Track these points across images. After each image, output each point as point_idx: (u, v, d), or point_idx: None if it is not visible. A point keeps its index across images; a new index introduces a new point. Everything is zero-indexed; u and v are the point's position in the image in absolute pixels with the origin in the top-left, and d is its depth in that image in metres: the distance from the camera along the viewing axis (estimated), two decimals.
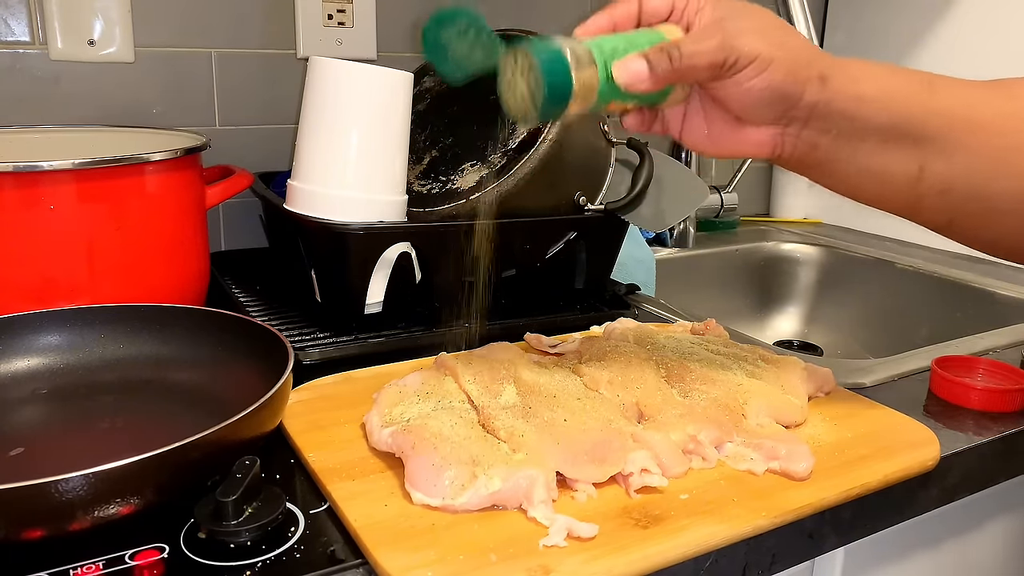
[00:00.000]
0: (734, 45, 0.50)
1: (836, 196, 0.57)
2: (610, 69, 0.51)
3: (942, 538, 0.73)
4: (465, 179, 0.79)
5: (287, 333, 0.75)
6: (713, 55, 0.50)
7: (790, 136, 0.53)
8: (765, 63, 0.50)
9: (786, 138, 0.53)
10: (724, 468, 0.56)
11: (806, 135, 0.53)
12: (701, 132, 0.56)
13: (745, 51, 0.50)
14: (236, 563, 0.45)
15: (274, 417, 0.54)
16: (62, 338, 0.64)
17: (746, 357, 0.70)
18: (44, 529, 0.44)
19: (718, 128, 0.55)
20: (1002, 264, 1.18)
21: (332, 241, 0.74)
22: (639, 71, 0.51)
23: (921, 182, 0.53)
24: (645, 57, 0.51)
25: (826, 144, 0.53)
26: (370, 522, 0.48)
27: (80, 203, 0.66)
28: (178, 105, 0.98)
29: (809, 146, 0.53)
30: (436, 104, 0.88)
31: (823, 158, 0.54)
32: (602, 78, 0.51)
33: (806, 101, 0.51)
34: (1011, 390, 0.69)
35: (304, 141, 0.75)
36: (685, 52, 0.50)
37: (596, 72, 0.51)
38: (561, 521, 0.48)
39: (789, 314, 1.32)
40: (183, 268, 0.76)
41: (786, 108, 0.52)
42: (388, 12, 1.07)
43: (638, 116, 0.58)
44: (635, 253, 1.04)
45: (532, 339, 0.76)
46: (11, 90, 0.89)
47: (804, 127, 0.52)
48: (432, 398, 0.59)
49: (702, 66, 0.50)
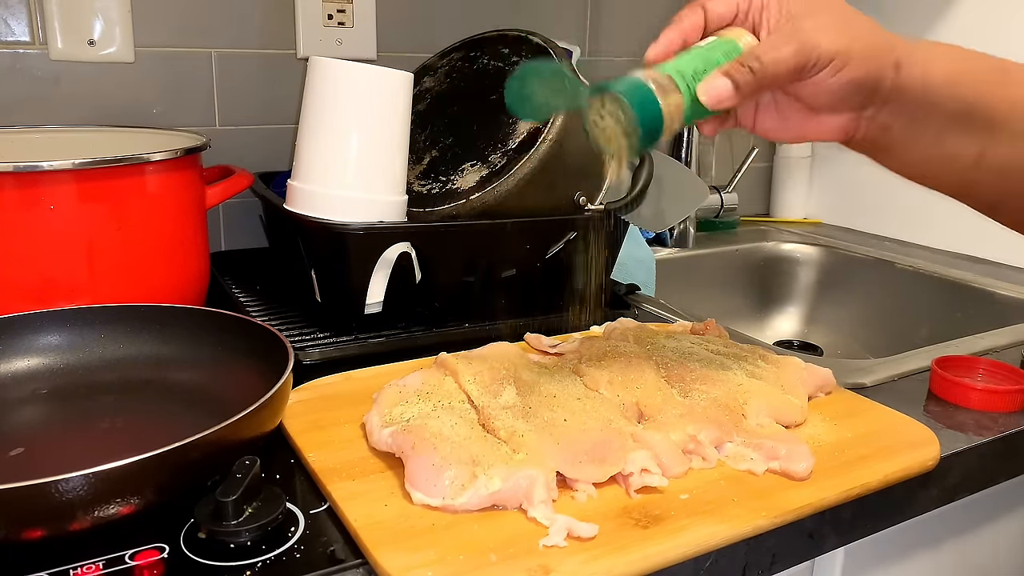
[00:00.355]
0: (813, 46, 0.50)
1: (836, 196, 0.57)
2: (694, 91, 0.51)
3: (942, 538, 0.73)
4: (465, 179, 0.79)
5: (287, 333, 0.75)
6: (795, 60, 0.50)
7: (865, 120, 0.54)
8: (845, 59, 0.50)
9: (861, 122, 0.54)
10: (724, 468, 0.56)
11: (880, 118, 0.53)
12: (774, 123, 0.57)
13: (824, 50, 0.50)
14: (236, 563, 0.45)
15: (274, 417, 0.54)
16: (62, 338, 0.64)
17: (746, 357, 0.70)
18: (44, 529, 0.44)
19: (793, 119, 0.56)
20: (1002, 264, 1.18)
21: (332, 241, 0.74)
22: (725, 89, 0.51)
23: (980, 165, 0.53)
24: (727, 75, 0.51)
25: (899, 127, 0.53)
26: (370, 522, 0.48)
27: (80, 203, 0.66)
28: (178, 105, 0.98)
29: (881, 129, 0.54)
30: (436, 104, 0.88)
31: (895, 140, 0.54)
32: (687, 101, 0.51)
33: (883, 88, 0.52)
34: (1011, 390, 0.69)
35: (304, 141, 0.75)
36: (767, 61, 0.50)
37: (681, 97, 0.51)
38: (561, 521, 0.48)
39: (789, 314, 1.32)
40: (183, 268, 0.76)
41: (864, 98, 0.52)
42: (388, 12, 1.07)
43: (715, 122, 0.58)
44: (635, 253, 1.04)
45: (532, 339, 0.76)
46: (11, 90, 0.89)
47: (879, 112, 0.53)
48: (432, 398, 0.59)
49: (784, 73, 0.50)
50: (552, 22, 1.19)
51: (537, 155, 0.76)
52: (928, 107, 0.52)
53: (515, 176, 0.76)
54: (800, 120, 0.55)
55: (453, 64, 0.90)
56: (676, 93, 0.51)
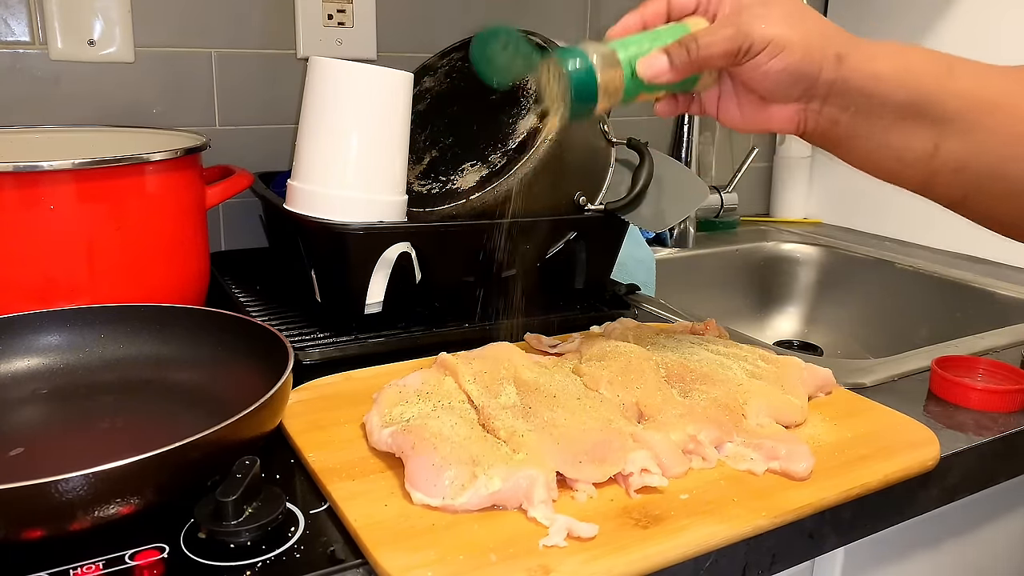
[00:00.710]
0: (748, 32, 0.53)
1: (836, 196, 0.58)
2: (634, 66, 0.55)
3: (942, 538, 0.73)
4: (465, 179, 0.79)
5: (287, 333, 0.75)
6: (727, 43, 0.53)
7: (812, 112, 0.56)
8: (779, 46, 0.53)
9: (808, 114, 0.56)
10: (724, 468, 0.56)
11: (827, 111, 0.55)
12: (735, 111, 0.60)
13: (758, 37, 0.53)
14: (236, 563, 0.45)
15: (274, 417, 0.54)
16: (62, 338, 0.64)
17: (746, 357, 0.70)
18: (44, 529, 0.44)
19: (748, 107, 0.59)
20: (1002, 264, 1.18)
21: (332, 241, 0.74)
22: (660, 65, 0.55)
23: (935, 159, 0.54)
24: (666, 52, 0.55)
25: (846, 120, 0.55)
26: (370, 522, 0.48)
27: (80, 203, 0.66)
28: (178, 105, 0.98)
29: (830, 122, 0.56)
30: (436, 104, 0.88)
31: (844, 134, 0.56)
32: (627, 75, 0.56)
33: (823, 79, 0.53)
34: (1011, 390, 0.69)
35: (304, 141, 0.75)
36: (702, 43, 0.54)
37: (620, 72, 0.55)
38: (561, 521, 0.48)
39: (789, 314, 1.32)
40: (183, 268, 0.76)
41: (805, 87, 0.54)
42: (388, 12, 1.07)
43: (670, 102, 0.63)
44: (635, 253, 1.04)
45: (532, 339, 0.76)
46: (11, 90, 0.89)
47: (824, 104, 0.55)
48: (432, 398, 0.59)
49: (718, 55, 0.54)
50: (552, 22, 1.19)
51: (537, 155, 0.76)
52: (876, 100, 0.53)
53: (515, 176, 0.76)
54: (754, 110, 0.58)
55: (453, 64, 0.90)
56: (616, 68, 0.55)
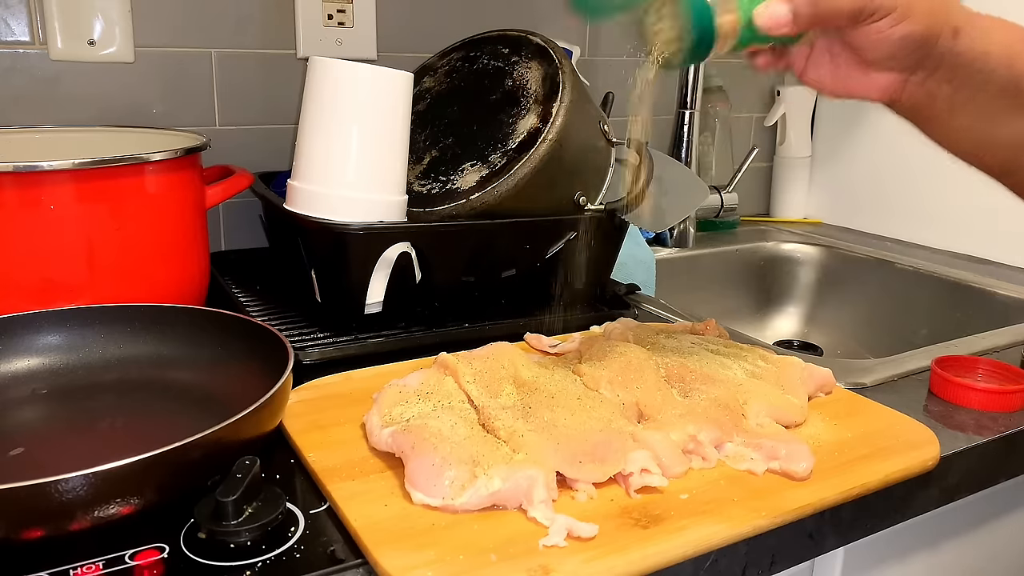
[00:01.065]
0: None
1: (836, 196, 0.58)
2: (750, 14, 0.53)
3: (942, 538, 0.73)
4: (465, 179, 0.79)
5: (287, 333, 0.75)
6: (856, 2, 0.51)
7: (913, 84, 0.54)
8: (904, 14, 0.51)
9: (909, 85, 0.54)
10: (724, 468, 0.56)
11: (929, 84, 0.54)
12: (825, 72, 0.57)
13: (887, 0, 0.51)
14: (236, 563, 0.45)
15: (274, 417, 0.54)
16: (62, 338, 0.64)
17: (746, 357, 0.70)
18: (44, 529, 0.44)
19: (844, 70, 0.56)
20: (1002, 264, 1.18)
21: (332, 241, 0.74)
22: (781, 16, 0.52)
23: None
24: (789, 1, 0.52)
25: (945, 95, 0.54)
26: (370, 522, 0.48)
27: (80, 203, 0.66)
28: (178, 105, 0.98)
29: (928, 95, 0.54)
30: (436, 104, 0.88)
31: (940, 108, 0.55)
32: (743, 22, 0.53)
33: (937, 52, 0.52)
34: (1011, 390, 0.69)
35: (304, 141, 0.75)
36: None
37: (736, 17, 0.53)
38: (561, 521, 0.48)
39: (789, 314, 1.32)
40: (183, 268, 0.76)
41: (919, 57, 0.53)
42: (388, 12, 1.07)
43: (769, 57, 0.59)
44: (635, 253, 1.04)
45: (532, 339, 0.76)
46: (11, 90, 0.89)
47: (929, 76, 0.53)
48: (432, 398, 0.59)
49: (846, 13, 0.51)
50: (552, 22, 1.19)
51: (537, 155, 0.76)
52: (981, 77, 0.52)
53: (515, 176, 0.76)
54: (849, 73, 0.56)
55: (453, 64, 0.90)
56: (734, 13, 0.53)
